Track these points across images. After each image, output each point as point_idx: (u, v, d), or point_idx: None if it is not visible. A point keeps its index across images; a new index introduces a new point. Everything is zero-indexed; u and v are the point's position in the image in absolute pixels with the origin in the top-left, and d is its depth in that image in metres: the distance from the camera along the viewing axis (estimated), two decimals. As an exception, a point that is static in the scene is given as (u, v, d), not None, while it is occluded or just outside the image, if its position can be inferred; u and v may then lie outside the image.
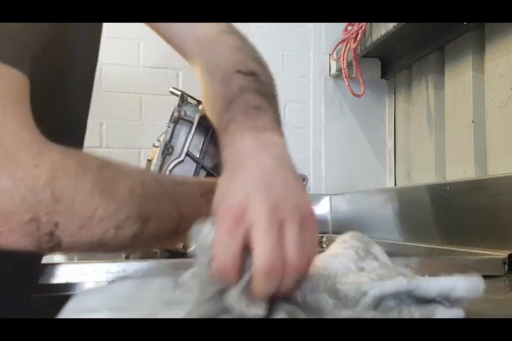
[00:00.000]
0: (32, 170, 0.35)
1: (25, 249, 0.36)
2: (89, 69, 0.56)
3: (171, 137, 0.94)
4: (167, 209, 0.44)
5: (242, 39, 0.55)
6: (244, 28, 0.56)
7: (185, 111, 0.96)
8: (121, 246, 0.41)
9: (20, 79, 0.38)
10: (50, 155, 0.36)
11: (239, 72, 0.47)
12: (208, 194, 0.45)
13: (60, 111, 0.50)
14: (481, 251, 0.62)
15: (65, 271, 0.57)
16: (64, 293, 0.58)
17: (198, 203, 0.47)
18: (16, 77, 0.37)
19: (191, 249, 0.71)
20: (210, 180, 0.51)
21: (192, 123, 0.95)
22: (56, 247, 0.37)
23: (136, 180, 0.41)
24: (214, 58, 0.51)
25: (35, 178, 0.35)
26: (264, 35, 1.53)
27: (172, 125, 0.94)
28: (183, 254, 0.82)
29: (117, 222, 0.39)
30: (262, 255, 0.33)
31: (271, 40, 1.54)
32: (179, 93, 0.97)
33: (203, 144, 0.96)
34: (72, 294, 0.39)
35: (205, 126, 0.96)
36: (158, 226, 0.42)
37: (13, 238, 0.35)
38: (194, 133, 0.94)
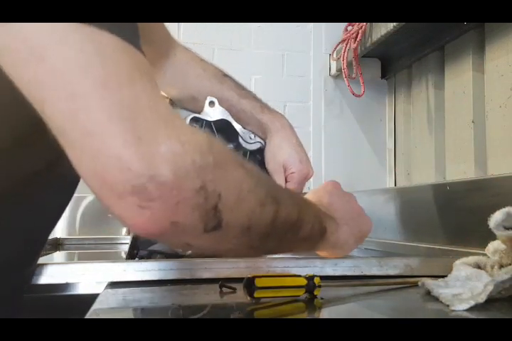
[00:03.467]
0: (192, 135, 0.35)
1: (193, 229, 0.36)
2: None
3: (171, 137, 0.94)
4: (286, 195, 0.45)
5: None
6: (244, 28, 0.56)
7: (185, 111, 0.95)
8: (263, 233, 0.42)
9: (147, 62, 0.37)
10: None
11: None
12: (302, 197, 0.55)
13: None
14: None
15: (65, 271, 0.57)
16: (63, 293, 0.58)
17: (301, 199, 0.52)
18: (144, 59, 0.37)
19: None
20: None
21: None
22: (217, 227, 0.37)
23: (251, 164, 0.42)
24: None
25: (198, 142, 0.35)
26: (264, 35, 1.52)
27: (172, 125, 0.94)
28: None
29: (260, 198, 0.40)
30: None
31: (271, 40, 1.54)
32: (179, 93, 0.97)
33: (202, 144, 0.96)
34: (71, 294, 0.38)
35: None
36: (286, 211, 0.44)
37: (187, 211, 0.34)
38: (194, 133, 0.94)
